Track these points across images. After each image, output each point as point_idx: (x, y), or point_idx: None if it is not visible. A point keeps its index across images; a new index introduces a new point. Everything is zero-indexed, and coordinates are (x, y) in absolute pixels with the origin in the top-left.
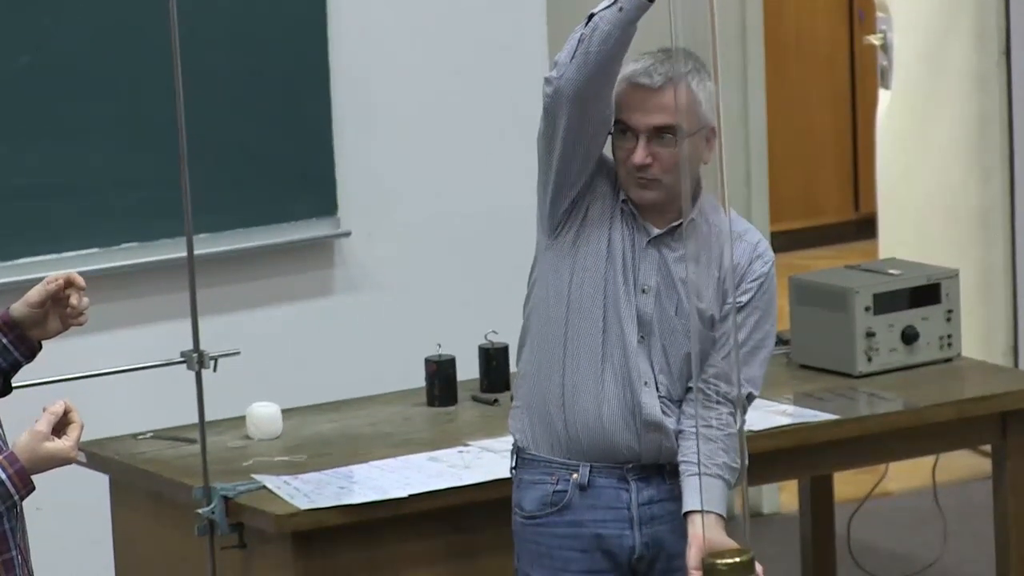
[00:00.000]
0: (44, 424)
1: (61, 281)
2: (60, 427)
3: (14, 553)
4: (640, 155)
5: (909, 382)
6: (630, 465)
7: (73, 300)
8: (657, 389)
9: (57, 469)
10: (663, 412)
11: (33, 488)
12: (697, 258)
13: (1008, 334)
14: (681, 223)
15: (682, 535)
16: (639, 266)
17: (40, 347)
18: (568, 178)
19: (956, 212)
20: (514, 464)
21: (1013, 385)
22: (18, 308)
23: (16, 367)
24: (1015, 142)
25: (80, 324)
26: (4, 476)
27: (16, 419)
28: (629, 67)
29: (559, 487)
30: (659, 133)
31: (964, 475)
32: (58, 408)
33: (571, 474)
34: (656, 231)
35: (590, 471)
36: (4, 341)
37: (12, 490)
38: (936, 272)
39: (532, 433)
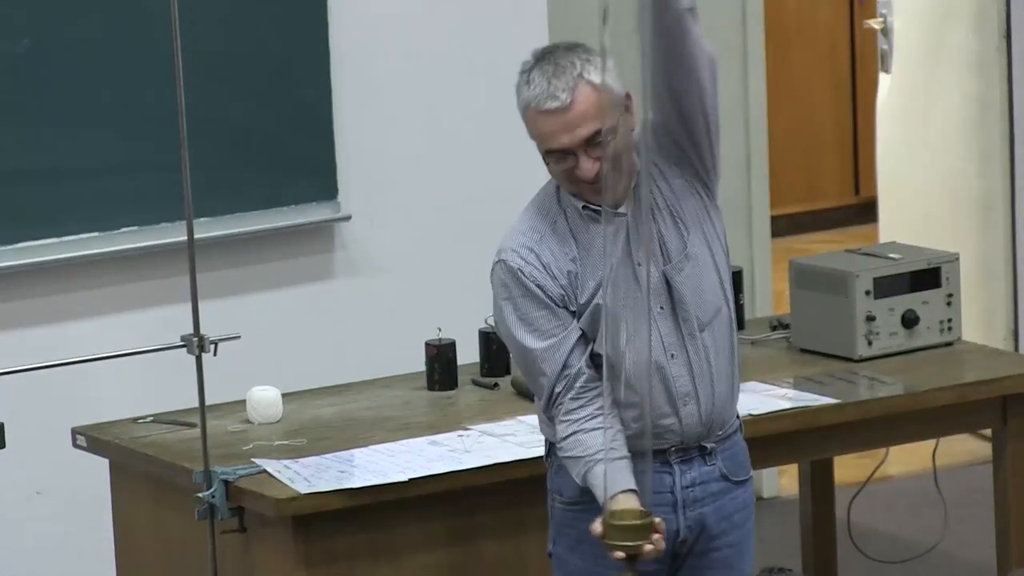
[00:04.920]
0: None
1: None
2: None
3: None
4: (587, 169)
5: (909, 366)
6: (672, 448)
7: None
8: (687, 354)
9: (56, 453)
10: (691, 377)
11: None
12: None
13: (1008, 318)
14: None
15: (722, 516)
16: (634, 243)
17: None
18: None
19: (956, 196)
20: (549, 451)
21: (1013, 369)
22: None
23: None
24: (1015, 126)
25: None
26: None
27: (18, 402)
28: (525, 92)
29: None
30: (591, 140)
31: (964, 459)
32: None
33: None
34: (622, 209)
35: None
36: None
37: None
38: (936, 256)
39: None
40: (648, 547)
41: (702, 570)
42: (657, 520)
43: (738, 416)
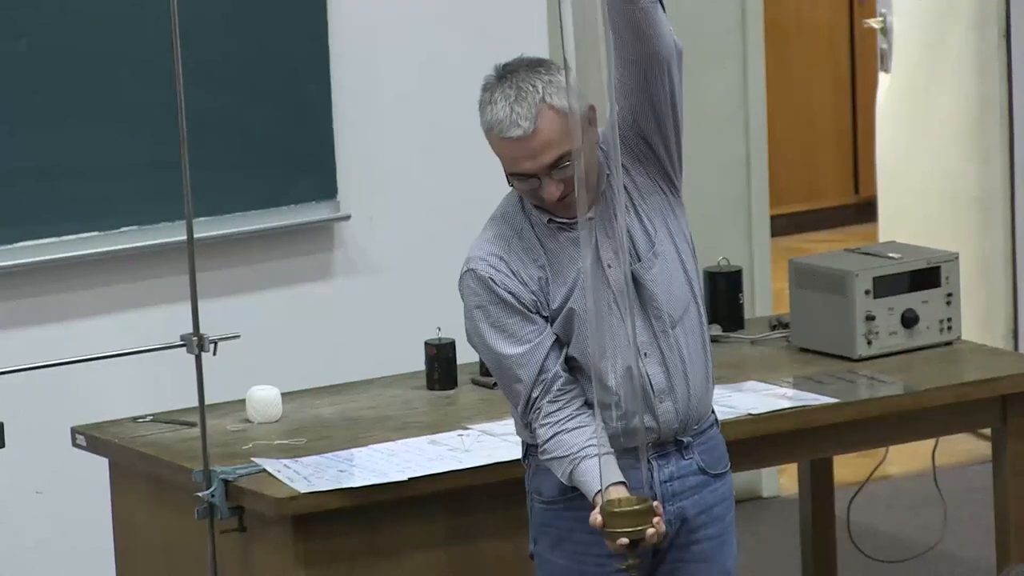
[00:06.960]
0: None
1: None
2: None
3: None
4: (551, 193)
5: (909, 365)
6: (648, 444)
7: None
8: (660, 351)
9: (56, 453)
10: (666, 374)
11: None
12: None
13: (1008, 317)
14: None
15: (701, 509)
16: (602, 246)
17: None
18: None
19: (956, 195)
20: (526, 453)
21: (1013, 368)
22: None
23: None
24: (1015, 125)
25: None
26: None
27: (18, 402)
28: (488, 115)
29: None
30: (556, 164)
31: (964, 459)
32: None
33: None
34: (591, 214)
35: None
36: None
37: None
38: (936, 255)
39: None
40: (651, 531)
41: (683, 564)
42: (655, 503)
43: (713, 411)
